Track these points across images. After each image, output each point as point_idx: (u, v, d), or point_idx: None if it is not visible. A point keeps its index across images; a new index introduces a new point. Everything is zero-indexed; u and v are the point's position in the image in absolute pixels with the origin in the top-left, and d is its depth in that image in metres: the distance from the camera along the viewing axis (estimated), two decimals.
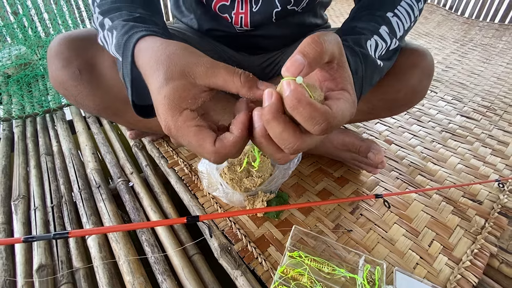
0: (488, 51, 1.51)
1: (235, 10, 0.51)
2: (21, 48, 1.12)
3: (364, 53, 0.34)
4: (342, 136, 0.62)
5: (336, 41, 0.22)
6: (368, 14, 0.39)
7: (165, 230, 0.53)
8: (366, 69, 0.34)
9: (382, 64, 0.38)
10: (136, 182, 0.65)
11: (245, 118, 0.23)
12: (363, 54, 0.34)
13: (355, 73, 0.33)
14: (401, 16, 0.40)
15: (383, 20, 0.39)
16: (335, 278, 0.42)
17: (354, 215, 0.56)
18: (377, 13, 0.39)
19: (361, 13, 0.40)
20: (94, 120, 0.89)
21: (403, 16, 0.40)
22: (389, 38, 0.38)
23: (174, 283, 0.46)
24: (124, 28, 0.32)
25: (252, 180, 0.54)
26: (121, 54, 0.32)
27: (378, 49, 0.37)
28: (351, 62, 0.32)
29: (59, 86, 0.50)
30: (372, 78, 0.36)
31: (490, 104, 1.00)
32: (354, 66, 0.33)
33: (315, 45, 0.20)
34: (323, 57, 0.21)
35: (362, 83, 0.34)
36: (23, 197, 0.62)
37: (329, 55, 0.21)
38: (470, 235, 0.53)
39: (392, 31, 0.39)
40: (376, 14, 0.39)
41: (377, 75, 0.37)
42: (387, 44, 0.38)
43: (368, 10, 0.40)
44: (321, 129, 0.20)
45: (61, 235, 0.33)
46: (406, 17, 0.41)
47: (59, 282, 0.46)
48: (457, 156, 0.73)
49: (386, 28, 0.38)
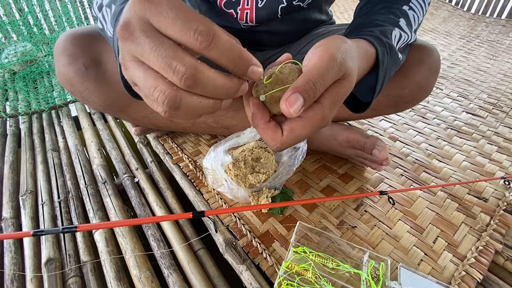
0: (494, 48, 1.49)
1: (241, 5, 0.51)
2: (27, 45, 1.13)
3: (390, 44, 0.34)
4: (346, 133, 0.61)
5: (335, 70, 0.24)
6: (384, 8, 0.39)
7: (171, 225, 0.54)
8: (390, 61, 0.34)
9: (401, 57, 0.37)
10: (141, 178, 0.65)
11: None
12: (389, 45, 0.34)
13: (381, 64, 0.32)
14: (415, 9, 0.40)
15: (401, 12, 0.38)
16: (340, 274, 0.42)
17: (358, 212, 0.56)
18: (394, 6, 0.39)
19: (376, 7, 0.40)
20: (99, 116, 0.90)
21: (417, 8, 0.40)
22: (409, 30, 0.38)
23: (180, 277, 0.46)
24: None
25: (257, 176, 0.55)
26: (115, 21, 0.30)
27: (400, 42, 0.37)
28: (379, 53, 0.32)
29: (65, 83, 0.50)
30: (391, 71, 0.36)
31: (497, 101, 0.99)
32: (382, 57, 0.32)
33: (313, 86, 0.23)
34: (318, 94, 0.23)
35: (385, 75, 0.34)
36: (31, 192, 0.63)
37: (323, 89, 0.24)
38: (475, 232, 0.52)
39: (409, 24, 0.38)
40: (393, 7, 0.39)
41: (395, 68, 0.37)
42: (408, 37, 0.38)
43: (383, 4, 0.40)
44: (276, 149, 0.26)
45: (69, 229, 0.34)
46: (420, 9, 0.40)
47: (67, 275, 0.47)
48: (462, 153, 0.73)
49: (404, 21, 0.38)
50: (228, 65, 0.20)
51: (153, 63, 0.19)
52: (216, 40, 0.18)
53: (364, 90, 0.36)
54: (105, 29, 0.35)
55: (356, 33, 0.35)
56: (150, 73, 0.19)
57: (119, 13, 0.29)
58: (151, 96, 0.20)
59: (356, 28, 0.37)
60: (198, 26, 0.18)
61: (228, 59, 0.20)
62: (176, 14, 0.18)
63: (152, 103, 0.21)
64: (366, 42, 0.32)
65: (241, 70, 0.21)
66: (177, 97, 0.19)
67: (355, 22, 0.41)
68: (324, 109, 0.24)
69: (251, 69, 0.21)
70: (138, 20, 0.19)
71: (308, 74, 0.22)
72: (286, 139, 0.24)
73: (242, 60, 0.20)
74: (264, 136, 0.25)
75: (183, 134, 0.76)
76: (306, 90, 0.22)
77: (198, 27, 0.18)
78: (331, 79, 0.23)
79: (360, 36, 0.33)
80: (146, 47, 0.19)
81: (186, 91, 0.20)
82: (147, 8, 0.18)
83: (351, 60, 0.25)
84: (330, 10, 0.66)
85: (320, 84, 0.22)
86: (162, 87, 0.19)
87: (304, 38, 0.63)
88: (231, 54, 0.19)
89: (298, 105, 0.21)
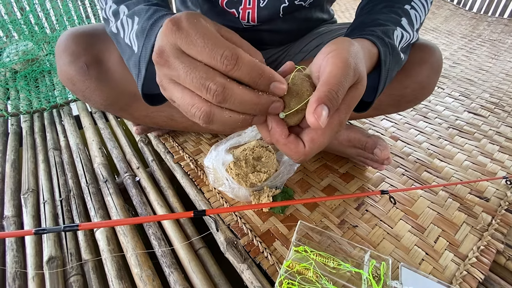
0: (496, 47, 1.49)
1: (243, 5, 0.51)
2: (28, 44, 1.13)
3: (393, 44, 0.34)
4: (347, 132, 0.61)
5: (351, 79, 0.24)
6: (386, 7, 0.39)
7: (172, 224, 0.54)
8: (392, 61, 0.34)
9: (403, 57, 0.37)
10: (142, 176, 0.66)
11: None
12: (391, 45, 0.34)
13: (384, 65, 0.33)
14: (417, 8, 0.40)
15: (403, 12, 0.38)
16: (341, 273, 0.42)
17: (359, 211, 0.56)
18: (396, 5, 0.39)
19: (377, 6, 0.40)
20: (100, 115, 0.90)
21: (419, 8, 0.40)
22: (411, 30, 0.38)
23: (181, 276, 0.46)
24: (148, 13, 0.32)
25: (258, 175, 0.55)
26: (144, 37, 0.31)
27: (402, 41, 0.37)
28: (382, 53, 0.32)
29: (67, 81, 0.50)
30: (393, 71, 0.35)
31: (499, 100, 0.98)
32: (384, 57, 0.32)
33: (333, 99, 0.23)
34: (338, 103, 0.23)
35: (387, 75, 0.34)
36: (32, 191, 0.63)
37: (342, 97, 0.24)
38: (477, 232, 0.52)
39: (411, 24, 0.38)
40: (395, 7, 0.38)
41: (397, 68, 0.37)
42: (410, 36, 0.38)
43: (385, 3, 0.39)
44: (300, 161, 0.26)
45: (71, 227, 0.34)
46: (421, 8, 0.40)
47: (69, 273, 0.47)
48: (464, 153, 0.73)
49: (406, 20, 0.38)
50: (251, 83, 0.22)
51: (188, 84, 0.22)
52: (240, 62, 0.21)
53: (366, 90, 0.36)
54: (122, 36, 0.35)
55: (358, 32, 0.35)
56: (187, 93, 0.23)
57: (149, 30, 0.30)
58: (189, 112, 0.23)
59: (358, 27, 0.37)
60: (224, 51, 0.21)
61: (251, 78, 0.22)
62: (204, 42, 0.21)
63: (192, 118, 0.24)
64: (369, 42, 0.32)
65: (263, 86, 0.23)
66: (210, 112, 0.22)
67: (357, 20, 0.40)
68: (340, 115, 0.25)
69: (273, 85, 0.23)
70: (171, 47, 0.22)
71: (328, 83, 0.23)
72: (309, 150, 0.25)
73: (263, 78, 0.22)
74: (286, 150, 0.26)
75: (184, 133, 0.76)
76: (330, 100, 0.22)
77: (224, 52, 0.21)
78: (348, 86, 0.24)
79: (363, 36, 0.33)
80: (181, 72, 0.22)
81: (218, 107, 0.22)
82: (178, 37, 0.21)
83: (361, 63, 0.26)
84: (331, 9, 0.66)
85: (341, 92, 0.23)
86: (198, 104, 0.22)
87: (305, 37, 0.63)
88: (253, 73, 0.22)
89: (324, 116, 0.22)
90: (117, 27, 0.36)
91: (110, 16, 0.37)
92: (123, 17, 0.35)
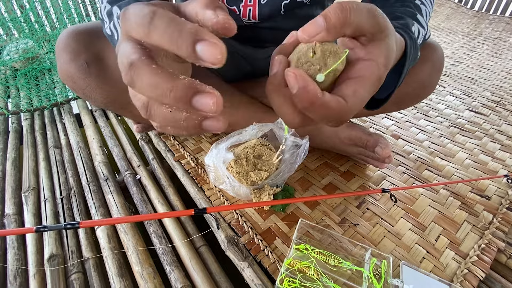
0: (498, 45, 1.48)
1: (243, 2, 0.51)
2: (28, 42, 1.13)
3: (415, 39, 0.31)
4: (348, 130, 0.61)
5: (370, 14, 0.20)
6: (397, 1, 0.38)
7: (173, 222, 0.54)
8: (413, 56, 0.31)
9: (419, 54, 0.36)
10: (143, 175, 0.66)
11: None
12: (414, 39, 0.31)
13: (408, 58, 0.29)
14: (426, 3, 0.39)
15: (415, 7, 0.37)
16: (342, 271, 0.42)
17: (360, 209, 0.56)
18: (407, 0, 0.38)
19: (389, 1, 0.38)
20: (101, 113, 0.90)
21: (427, 3, 0.39)
22: (425, 25, 0.37)
23: (181, 273, 0.46)
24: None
25: (259, 173, 0.55)
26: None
27: (419, 37, 0.35)
28: (408, 46, 0.29)
29: (67, 79, 0.50)
30: (408, 67, 0.33)
31: (500, 99, 0.98)
32: (409, 49, 0.29)
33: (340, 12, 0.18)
34: (345, 27, 0.19)
35: (407, 71, 0.31)
36: (33, 189, 0.63)
37: (353, 28, 0.19)
38: (478, 230, 0.52)
39: (424, 19, 0.38)
40: (407, 1, 0.37)
41: (411, 64, 0.35)
42: (424, 31, 0.36)
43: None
44: (335, 125, 0.21)
45: (72, 225, 0.34)
46: (429, 4, 0.39)
47: (70, 271, 0.48)
48: (465, 151, 0.73)
49: (420, 15, 0.36)
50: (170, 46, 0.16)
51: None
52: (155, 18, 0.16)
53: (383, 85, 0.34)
54: (116, 38, 0.35)
55: None
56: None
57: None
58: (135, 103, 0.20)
59: None
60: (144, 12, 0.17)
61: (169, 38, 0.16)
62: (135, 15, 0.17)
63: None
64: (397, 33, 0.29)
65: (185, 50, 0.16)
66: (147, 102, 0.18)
67: None
68: (380, 68, 0.21)
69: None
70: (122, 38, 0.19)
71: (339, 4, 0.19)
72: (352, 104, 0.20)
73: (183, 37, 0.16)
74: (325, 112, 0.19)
75: None
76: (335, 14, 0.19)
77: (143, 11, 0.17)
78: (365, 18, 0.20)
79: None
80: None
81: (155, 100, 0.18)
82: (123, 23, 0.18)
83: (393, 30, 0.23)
84: None
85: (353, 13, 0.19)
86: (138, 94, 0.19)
87: None
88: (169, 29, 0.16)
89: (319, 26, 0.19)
90: (111, 29, 0.36)
91: (104, 16, 0.37)
92: (115, 18, 0.34)
